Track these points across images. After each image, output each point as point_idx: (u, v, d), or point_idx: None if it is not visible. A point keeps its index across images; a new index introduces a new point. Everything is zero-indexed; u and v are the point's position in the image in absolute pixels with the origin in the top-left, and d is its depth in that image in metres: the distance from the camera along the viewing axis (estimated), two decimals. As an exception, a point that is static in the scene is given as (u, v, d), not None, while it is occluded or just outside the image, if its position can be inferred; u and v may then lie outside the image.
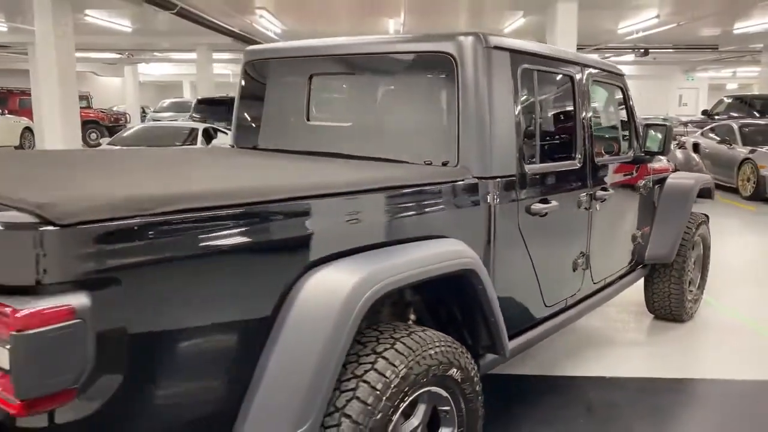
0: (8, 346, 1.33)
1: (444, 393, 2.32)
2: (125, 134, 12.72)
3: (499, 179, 2.77)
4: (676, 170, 5.02)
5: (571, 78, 3.38)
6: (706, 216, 5.01)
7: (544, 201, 3.06)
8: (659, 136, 4.21)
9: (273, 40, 19.15)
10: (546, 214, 3.07)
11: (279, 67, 3.51)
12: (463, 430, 2.42)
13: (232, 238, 1.73)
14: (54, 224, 1.39)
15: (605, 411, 3.52)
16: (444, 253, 2.30)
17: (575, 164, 3.37)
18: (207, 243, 1.67)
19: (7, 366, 1.35)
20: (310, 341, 1.83)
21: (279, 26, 16.34)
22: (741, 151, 11.65)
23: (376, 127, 3.07)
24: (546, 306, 3.25)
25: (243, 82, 3.67)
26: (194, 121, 16.29)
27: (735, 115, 15.55)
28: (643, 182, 4.30)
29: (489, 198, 2.73)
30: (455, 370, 2.29)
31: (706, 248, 5.16)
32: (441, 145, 2.79)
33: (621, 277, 4.20)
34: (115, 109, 25.72)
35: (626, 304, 5.16)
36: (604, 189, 3.66)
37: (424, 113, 2.93)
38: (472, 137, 2.71)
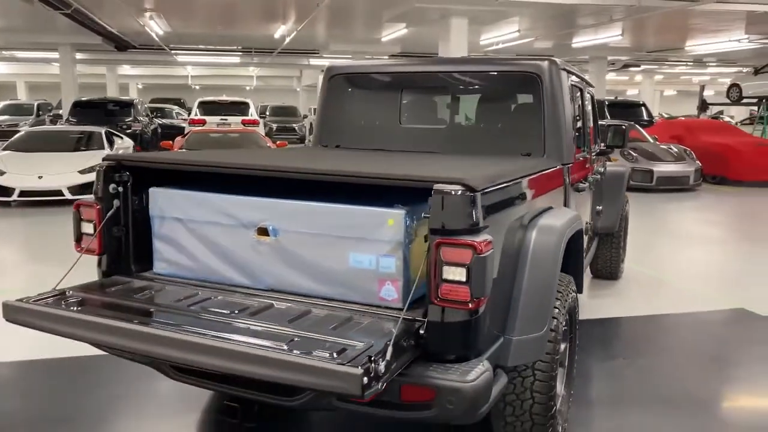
0: (468, 266, 2.12)
1: (569, 317, 3.32)
2: (13, 139, 12.13)
3: (568, 165, 3.83)
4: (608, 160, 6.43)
5: (581, 90, 4.54)
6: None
7: (581, 181, 4.19)
8: (609, 134, 5.57)
9: (152, 40, 18.74)
10: (582, 190, 4.20)
11: (368, 80, 4.27)
12: (572, 345, 3.44)
13: (516, 197, 2.67)
14: (475, 191, 2.20)
15: (616, 341, 4.74)
16: (577, 216, 3.30)
17: (586, 155, 4.54)
18: (508, 199, 2.57)
19: (464, 279, 2.14)
20: (543, 266, 2.74)
21: (164, 28, 16.17)
22: (595, 147, 13.89)
23: (470, 129, 3.99)
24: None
25: (326, 92, 4.35)
26: (70, 124, 15.66)
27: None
28: (602, 169, 5.61)
29: (565, 179, 3.78)
30: (577, 299, 3.31)
31: (627, 221, 6.65)
32: (529, 141, 3.78)
33: (590, 245, 5.46)
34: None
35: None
36: (593, 173, 4.88)
37: (514, 117, 3.91)
38: (553, 134, 3.73)
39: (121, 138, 13.40)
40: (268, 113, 25.75)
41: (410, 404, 2.22)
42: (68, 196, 10.39)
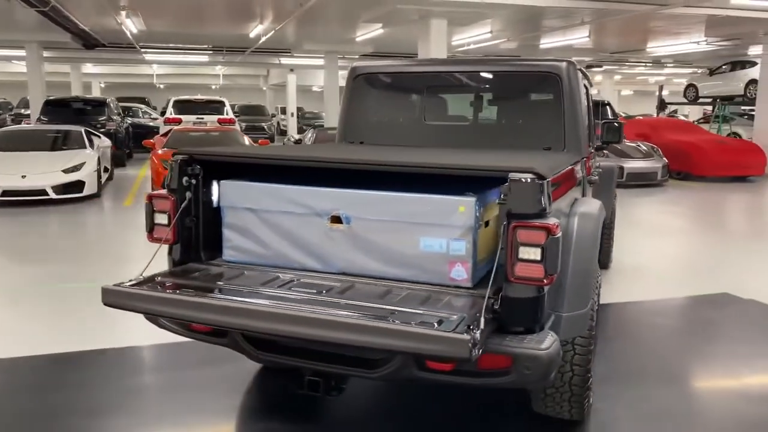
0: (543, 246, 2.37)
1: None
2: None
3: (584, 159, 4.13)
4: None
5: (587, 89, 4.86)
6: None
7: (591, 174, 4.50)
8: (604, 131, 5.92)
9: (121, 38, 18.52)
10: (593, 183, 4.52)
11: (393, 79, 4.49)
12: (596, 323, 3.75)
13: (565, 185, 2.94)
14: (544, 178, 2.45)
15: (616, 325, 5.07)
16: (602, 205, 3.60)
17: (591, 149, 4.86)
18: (560, 188, 2.84)
19: (538, 258, 2.38)
20: (585, 249, 3.00)
21: (139, 26, 16.04)
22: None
23: (492, 126, 4.26)
24: None
25: (350, 91, 4.55)
26: (41, 123, 15.41)
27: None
28: (599, 163, 5.96)
29: (582, 171, 4.08)
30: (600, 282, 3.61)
31: (615, 214, 7.04)
32: (550, 136, 4.06)
33: None
34: None
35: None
36: (596, 167, 5.22)
37: (536, 114, 4.20)
38: (572, 130, 4.03)
39: (99, 137, 13.30)
40: (237, 112, 25.72)
41: (488, 371, 2.46)
42: (52, 195, 10.31)
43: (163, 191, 3.00)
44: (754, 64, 19.13)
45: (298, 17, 13.78)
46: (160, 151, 12.11)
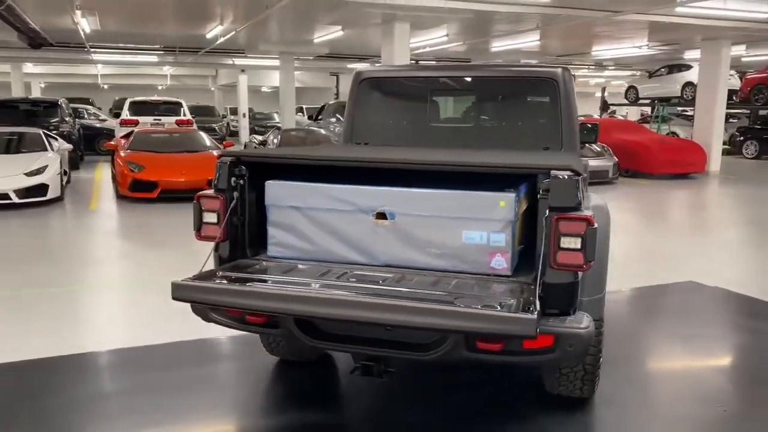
0: (583, 235, 2.63)
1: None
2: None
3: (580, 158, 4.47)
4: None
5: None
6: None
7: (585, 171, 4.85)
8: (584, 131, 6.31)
9: (70, 38, 18.03)
10: (585, 179, 4.87)
11: (397, 83, 4.72)
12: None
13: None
14: (579, 174, 2.73)
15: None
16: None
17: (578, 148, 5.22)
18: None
19: (578, 246, 2.65)
20: (601, 239, 3.27)
21: (93, 26, 15.69)
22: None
23: (494, 127, 4.54)
24: None
25: (356, 94, 4.75)
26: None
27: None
28: (577, 161, 6.36)
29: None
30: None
31: (585, 209, 7.47)
32: (548, 137, 4.37)
33: None
34: None
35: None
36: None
37: (534, 116, 4.50)
38: (569, 131, 4.36)
39: (56, 139, 12.98)
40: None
41: (532, 350, 2.72)
42: (15, 199, 10.04)
43: (211, 191, 3.14)
44: (689, 67, 20.29)
45: (257, 18, 13.81)
46: (122, 153, 11.95)
